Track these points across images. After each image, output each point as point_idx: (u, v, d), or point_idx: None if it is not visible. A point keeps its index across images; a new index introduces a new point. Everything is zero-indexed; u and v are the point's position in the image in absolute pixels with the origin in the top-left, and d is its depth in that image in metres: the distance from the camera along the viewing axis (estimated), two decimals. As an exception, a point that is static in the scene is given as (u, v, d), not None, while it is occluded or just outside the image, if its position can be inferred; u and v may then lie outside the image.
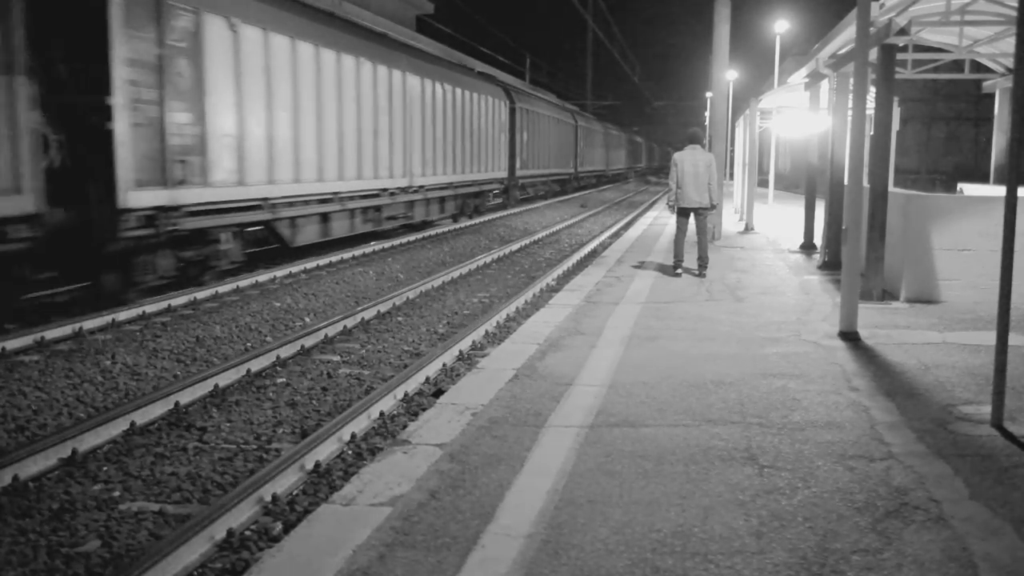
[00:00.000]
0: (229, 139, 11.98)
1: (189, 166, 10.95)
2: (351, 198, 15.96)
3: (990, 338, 5.18)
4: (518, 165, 29.47)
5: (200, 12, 11.18)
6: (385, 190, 17.48)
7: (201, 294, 10.91)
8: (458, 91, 22.42)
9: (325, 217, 15.19)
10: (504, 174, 27.71)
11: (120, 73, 9.72)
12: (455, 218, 23.21)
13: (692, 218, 11.11)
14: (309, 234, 14.67)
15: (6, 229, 8.58)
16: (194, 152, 11.09)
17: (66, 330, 8.64)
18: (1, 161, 8.48)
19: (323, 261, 14.33)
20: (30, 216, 8.83)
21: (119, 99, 9.72)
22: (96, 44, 9.53)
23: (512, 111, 28.66)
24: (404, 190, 18.57)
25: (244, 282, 11.94)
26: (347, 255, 15.24)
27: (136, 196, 10.00)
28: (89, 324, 8.94)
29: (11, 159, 8.60)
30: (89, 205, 9.81)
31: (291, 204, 13.79)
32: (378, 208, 17.40)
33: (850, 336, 7.21)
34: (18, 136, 8.67)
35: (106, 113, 9.61)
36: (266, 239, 14.04)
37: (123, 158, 9.77)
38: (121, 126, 9.75)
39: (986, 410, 5.06)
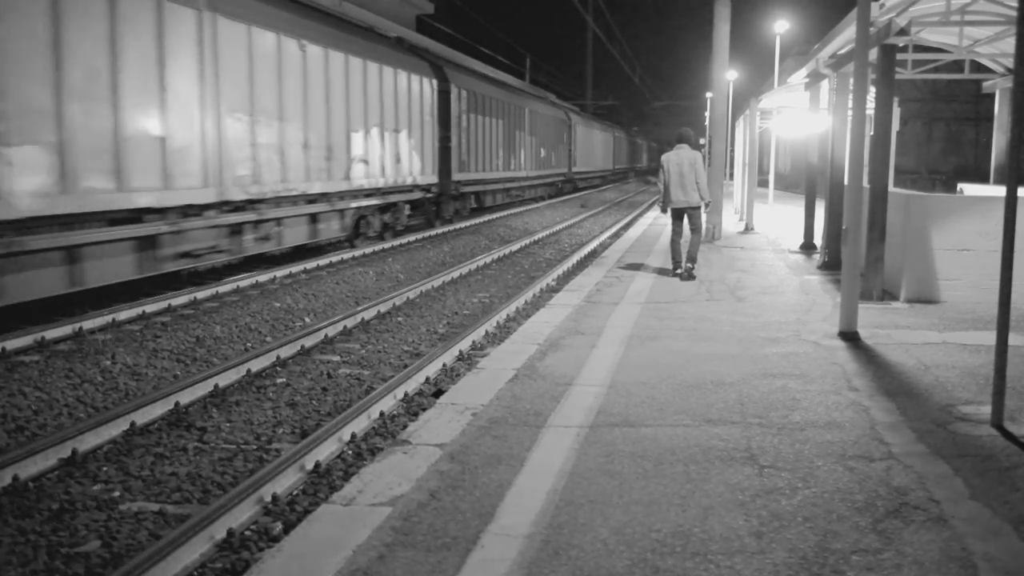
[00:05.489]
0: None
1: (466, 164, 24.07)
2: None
3: (990, 338, 5.18)
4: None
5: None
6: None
7: (201, 294, 10.92)
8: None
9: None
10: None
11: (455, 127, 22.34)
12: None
13: (686, 219, 11.09)
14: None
15: (430, 188, 20.79)
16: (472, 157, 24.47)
17: (66, 330, 8.64)
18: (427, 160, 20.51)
19: (323, 261, 14.34)
20: (432, 183, 20.90)
21: (453, 137, 22.34)
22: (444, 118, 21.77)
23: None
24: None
25: (244, 282, 11.94)
26: (347, 255, 15.25)
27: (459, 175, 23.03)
28: (89, 324, 8.95)
29: (431, 160, 20.82)
30: (444, 178, 21.95)
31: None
32: None
33: (850, 336, 7.21)
34: (434, 151, 20.95)
35: (449, 140, 22.07)
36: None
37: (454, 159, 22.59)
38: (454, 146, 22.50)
39: (986, 410, 5.06)
